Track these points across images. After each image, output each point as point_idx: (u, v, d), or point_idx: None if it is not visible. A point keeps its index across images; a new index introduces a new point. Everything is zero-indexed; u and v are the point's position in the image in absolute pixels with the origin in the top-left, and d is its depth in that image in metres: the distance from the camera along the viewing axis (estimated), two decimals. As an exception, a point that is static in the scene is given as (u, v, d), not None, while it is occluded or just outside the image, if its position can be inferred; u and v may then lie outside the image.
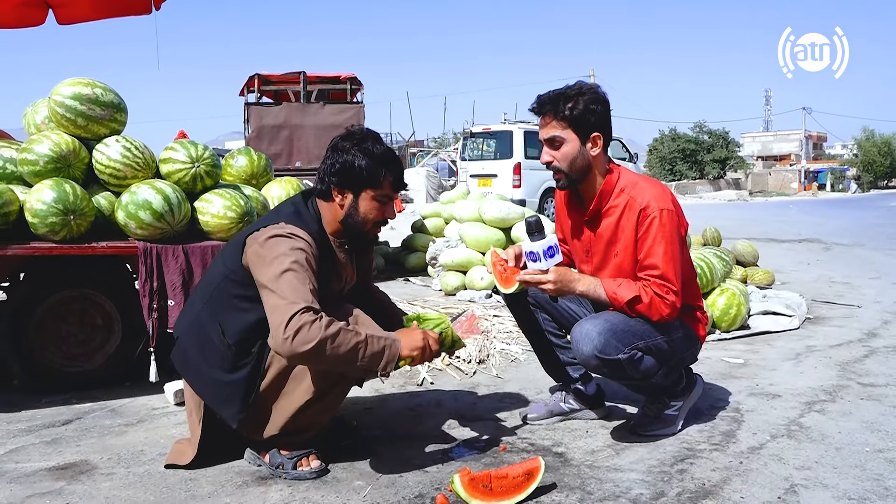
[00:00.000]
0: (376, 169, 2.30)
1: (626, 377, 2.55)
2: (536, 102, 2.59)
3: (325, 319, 2.05)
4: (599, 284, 2.53)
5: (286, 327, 2.00)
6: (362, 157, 2.28)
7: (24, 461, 2.53)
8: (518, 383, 3.48)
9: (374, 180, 2.31)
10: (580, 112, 2.50)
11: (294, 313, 2.01)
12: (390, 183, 2.35)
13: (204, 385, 2.36)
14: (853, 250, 9.72)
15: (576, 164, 2.56)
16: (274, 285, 2.09)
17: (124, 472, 2.43)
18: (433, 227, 7.38)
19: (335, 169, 2.30)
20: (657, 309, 2.47)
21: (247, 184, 3.76)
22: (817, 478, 2.30)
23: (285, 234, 2.21)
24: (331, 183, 2.32)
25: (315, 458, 2.40)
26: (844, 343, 4.22)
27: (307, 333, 2.00)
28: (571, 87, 2.56)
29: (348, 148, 2.29)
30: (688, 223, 2.67)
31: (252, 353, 2.29)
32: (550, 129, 2.55)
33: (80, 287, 3.35)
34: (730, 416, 2.92)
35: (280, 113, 9.58)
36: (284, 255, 2.14)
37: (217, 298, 2.33)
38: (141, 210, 3.13)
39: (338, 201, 2.34)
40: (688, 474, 2.35)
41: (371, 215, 2.36)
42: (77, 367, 3.36)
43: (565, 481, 2.31)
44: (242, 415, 2.29)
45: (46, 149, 3.19)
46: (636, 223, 2.52)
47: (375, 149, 2.31)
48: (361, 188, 2.32)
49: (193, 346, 2.37)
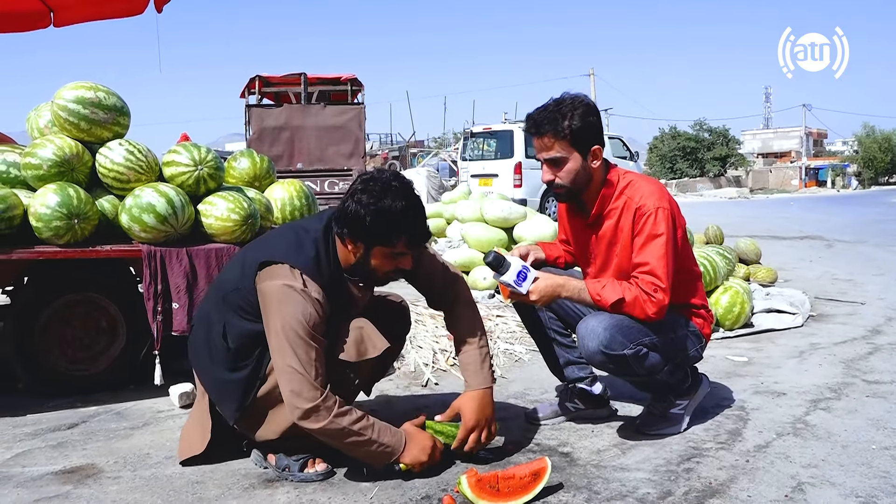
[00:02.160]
0: (389, 230, 2.21)
1: (631, 373, 2.55)
2: (533, 123, 2.56)
3: (336, 411, 2.17)
4: (584, 288, 2.53)
5: (296, 407, 2.15)
6: (376, 216, 2.17)
7: (30, 465, 2.54)
8: (522, 383, 3.49)
9: (386, 240, 2.24)
10: (579, 128, 2.50)
11: (310, 395, 2.14)
12: (404, 243, 2.26)
13: (206, 378, 2.44)
14: (855, 247, 9.72)
15: (579, 179, 2.58)
16: (284, 341, 2.16)
17: (131, 475, 2.43)
18: (435, 228, 7.39)
19: (347, 219, 2.22)
20: (642, 307, 2.45)
21: (250, 186, 3.75)
22: (824, 476, 2.30)
23: (298, 289, 2.19)
24: (342, 230, 2.27)
25: (321, 461, 2.40)
26: (849, 340, 4.21)
27: (316, 421, 2.15)
28: (563, 103, 2.53)
29: (365, 203, 2.17)
30: (685, 221, 2.67)
31: (252, 357, 2.33)
32: (553, 151, 2.54)
33: (84, 291, 3.35)
34: (735, 415, 2.91)
35: (281, 114, 9.60)
36: (294, 317, 2.16)
37: (226, 302, 2.37)
38: (145, 213, 3.13)
39: (350, 249, 2.29)
40: (694, 473, 2.35)
41: (383, 269, 2.32)
42: (82, 370, 3.36)
43: (572, 481, 2.31)
44: (238, 414, 2.34)
45: (50, 153, 3.19)
46: (632, 222, 2.52)
47: (394, 206, 2.17)
48: (373, 244, 2.26)
49: (202, 337, 2.44)
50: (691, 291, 2.70)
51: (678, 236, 2.56)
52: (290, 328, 2.15)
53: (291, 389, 2.15)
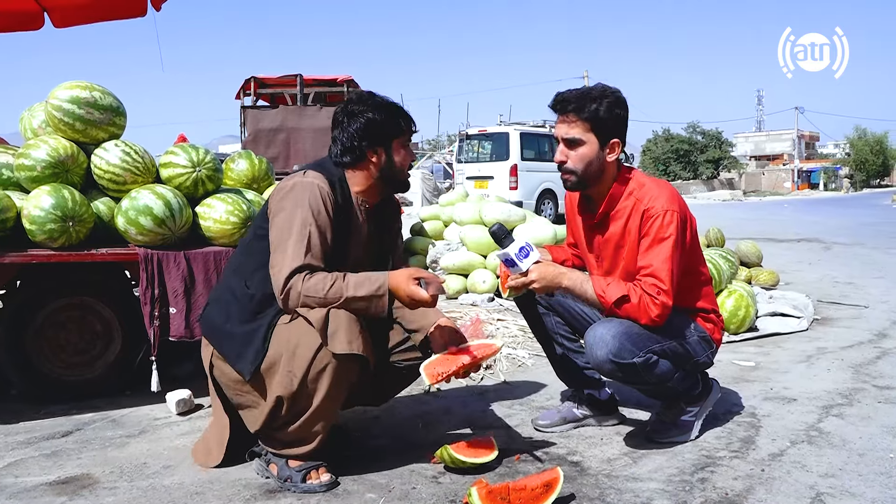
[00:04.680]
0: (395, 118, 2.41)
1: (641, 382, 2.49)
2: (559, 99, 2.51)
3: (315, 276, 2.18)
4: (587, 280, 2.47)
5: (281, 288, 2.17)
6: (380, 112, 2.37)
7: (23, 475, 2.45)
8: (527, 389, 3.42)
9: (397, 128, 2.41)
10: (604, 115, 2.45)
11: (289, 274, 2.17)
12: (407, 126, 2.45)
13: (224, 340, 2.35)
14: (853, 249, 9.70)
15: (590, 168, 2.51)
16: (282, 232, 2.23)
17: (127, 485, 2.35)
18: (432, 230, 7.29)
19: (362, 132, 2.36)
20: (645, 310, 2.39)
21: (248, 188, 3.68)
22: (843, 486, 2.24)
23: (308, 181, 2.31)
24: (363, 147, 2.38)
25: (325, 471, 2.33)
26: (855, 344, 4.17)
27: (296, 294, 2.17)
28: (595, 88, 2.50)
29: (363, 110, 2.37)
30: (696, 223, 2.61)
31: (273, 306, 2.28)
32: (571, 130, 2.49)
33: (79, 295, 3.27)
34: (746, 422, 2.86)
35: (277, 116, 9.50)
36: (300, 204, 2.24)
37: (246, 259, 2.39)
38: (141, 216, 3.06)
39: (374, 161, 2.40)
40: (709, 483, 2.29)
41: (405, 161, 2.47)
42: (77, 376, 3.27)
43: (583, 492, 2.25)
44: (254, 365, 2.25)
45: (44, 154, 3.11)
46: (640, 224, 2.46)
47: (383, 99, 2.42)
48: (391, 140, 2.41)
49: (219, 309, 2.40)
50: (701, 295, 2.64)
51: (687, 240, 2.50)
52: (294, 212, 2.24)
53: (277, 255, 2.21)
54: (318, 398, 2.22)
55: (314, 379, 2.20)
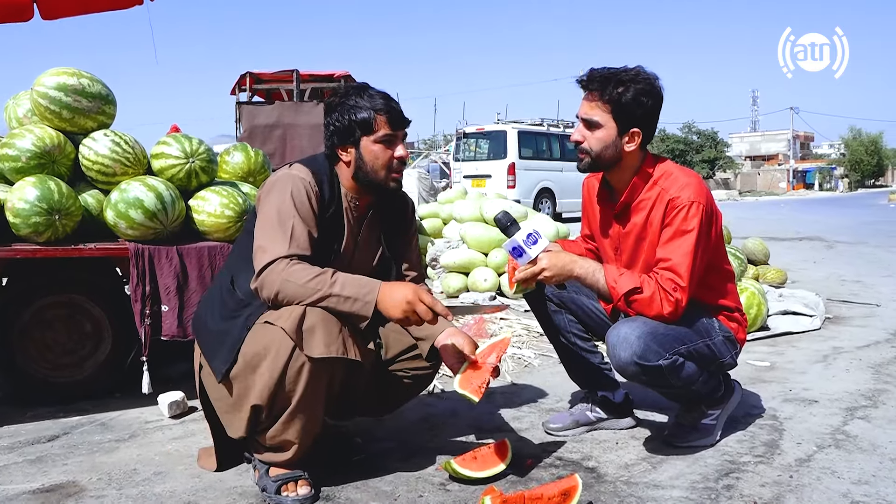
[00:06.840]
0: (365, 113, 2.23)
1: (665, 385, 2.35)
2: (587, 75, 2.37)
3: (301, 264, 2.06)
4: (599, 269, 2.34)
5: (259, 272, 2.06)
6: (349, 110, 2.24)
7: (5, 483, 2.30)
8: (534, 390, 3.28)
9: (366, 125, 2.23)
10: (627, 101, 2.30)
11: (271, 260, 2.05)
12: (385, 121, 2.24)
13: (203, 337, 2.27)
14: (856, 248, 9.61)
15: (605, 154, 2.37)
16: (264, 224, 2.14)
17: (116, 493, 2.21)
18: (431, 228, 7.16)
19: (330, 130, 2.28)
20: (658, 305, 2.26)
21: (244, 181, 3.54)
22: (878, 493, 2.10)
23: (291, 174, 2.22)
24: (333, 144, 2.29)
25: (305, 484, 2.14)
26: (872, 344, 4.04)
27: (275, 276, 2.04)
28: (627, 70, 2.34)
29: (335, 106, 2.27)
30: (721, 216, 2.47)
31: (254, 303, 2.15)
32: (590, 110, 2.35)
33: (66, 292, 3.12)
34: (768, 425, 2.72)
35: (273, 112, 9.33)
36: (283, 196, 2.15)
37: (236, 256, 2.31)
38: (132, 209, 2.91)
39: (344, 160, 2.29)
40: (735, 490, 2.15)
41: (379, 160, 2.25)
42: (65, 377, 3.13)
43: (602, 500, 2.11)
44: (226, 365, 2.10)
45: (29, 143, 2.97)
46: (663, 214, 2.32)
47: (360, 97, 2.26)
48: (359, 137, 2.24)
49: (206, 307, 2.32)
50: (724, 292, 2.51)
51: (712, 234, 2.37)
52: (275, 200, 2.15)
53: (260, 245, 2.11)
54: (294, 402, 2.04)
55: (292, 381, 2.01)
